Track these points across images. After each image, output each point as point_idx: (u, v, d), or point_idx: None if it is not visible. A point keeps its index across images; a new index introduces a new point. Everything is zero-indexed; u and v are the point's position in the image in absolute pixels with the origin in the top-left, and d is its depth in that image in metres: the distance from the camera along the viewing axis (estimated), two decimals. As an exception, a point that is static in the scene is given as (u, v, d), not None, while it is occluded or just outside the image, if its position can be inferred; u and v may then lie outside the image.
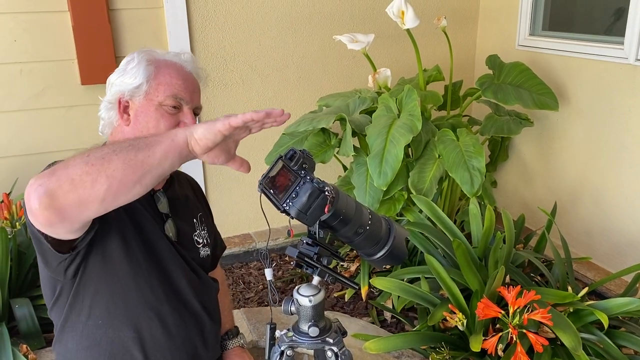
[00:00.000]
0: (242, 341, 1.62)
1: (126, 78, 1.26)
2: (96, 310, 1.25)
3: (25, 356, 1.95)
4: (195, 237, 1.44)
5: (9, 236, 2.11)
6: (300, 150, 1.02)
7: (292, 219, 1.00)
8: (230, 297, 2.51)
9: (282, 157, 1.04)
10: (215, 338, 1.48)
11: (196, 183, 1.60)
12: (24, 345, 1.99)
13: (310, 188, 0.98)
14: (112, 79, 1.29)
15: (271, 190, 1.03)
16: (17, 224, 2.19)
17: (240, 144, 1.08)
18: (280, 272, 2.80)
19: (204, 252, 1.45)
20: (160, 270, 1.30)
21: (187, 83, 1.29)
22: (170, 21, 2.62)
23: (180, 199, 1.43)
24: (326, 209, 1.00)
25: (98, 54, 2.49)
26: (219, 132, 0.98)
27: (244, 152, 1.08)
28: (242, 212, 3.00)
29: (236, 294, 2.64)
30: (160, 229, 1.33)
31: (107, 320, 1.26)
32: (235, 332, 1.63)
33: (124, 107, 1.28)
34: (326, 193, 0.99)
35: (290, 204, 0.99)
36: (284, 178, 1.02)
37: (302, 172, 1.00)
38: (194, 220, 1.46)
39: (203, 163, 2.78)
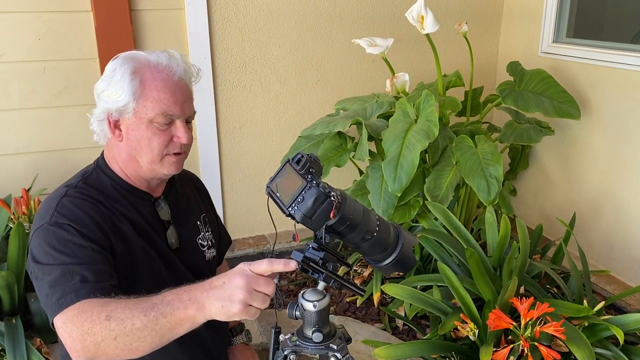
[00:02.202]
0: (246, 338, 1.62)
1: (112, 92, 1.20)
2: None
3: (39, 350, 1.97)
4: (200, 241, 1.43)
5: (27, 231, 2.14)
6: (307, 155, 1.01)
7: (298, 223, 1.00)
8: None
9: (289, 160, 1.03)
10: (220, 347, 1.48)
11: (199, 180, 1.58)
12: (38, 339, 2.02)
13: (315, 193, 0.98)
14: (99, 88, 1.24)
15: (277, 194, 1.03)
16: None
17: (260, 145, 1.07)
18: (293, 275, 2.80)
19: (210, 254, 1.45)
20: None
21: (175, 95, 1.22)
22: (191, 22, 2.64)
23: (181, 203, 1.42)
24: (332, 215, 0.99)
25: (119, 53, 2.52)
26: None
27: (263, 152, 1.07)
28: (257, 213, 3.01)
29: (249, 295, 2.63)
30: (163, 237, 1.32)
31: None
32: (239, 328, 1.63)
33: (114, 123, 1.24)
34: (332, 198, 0.98)
35: (296, 208, 0.99)
36: (291, 182, 1.01)
37: (309, 177, 0.99)
38: (198, 222, 1.45)
39: (220, 163, 2.81)
